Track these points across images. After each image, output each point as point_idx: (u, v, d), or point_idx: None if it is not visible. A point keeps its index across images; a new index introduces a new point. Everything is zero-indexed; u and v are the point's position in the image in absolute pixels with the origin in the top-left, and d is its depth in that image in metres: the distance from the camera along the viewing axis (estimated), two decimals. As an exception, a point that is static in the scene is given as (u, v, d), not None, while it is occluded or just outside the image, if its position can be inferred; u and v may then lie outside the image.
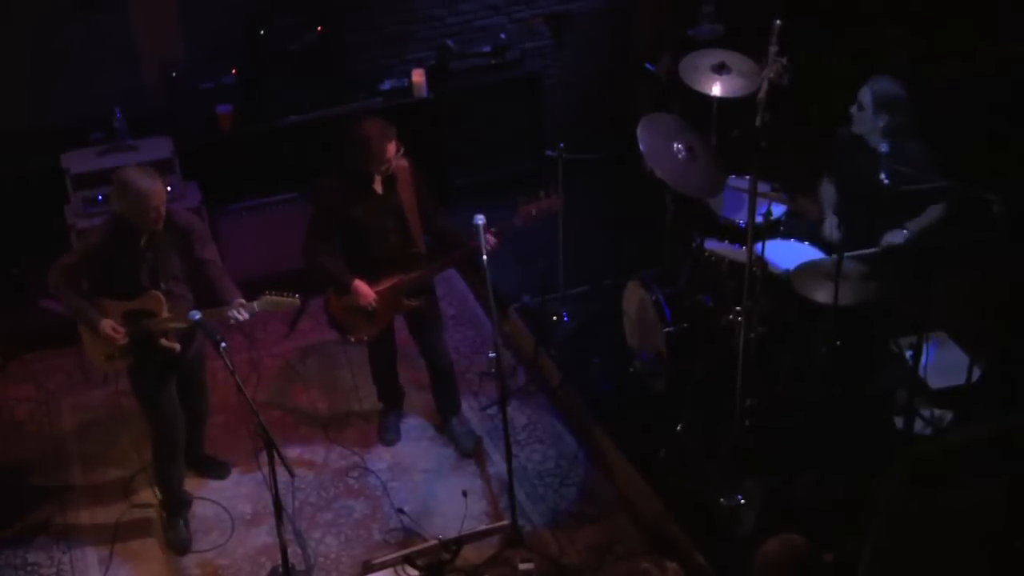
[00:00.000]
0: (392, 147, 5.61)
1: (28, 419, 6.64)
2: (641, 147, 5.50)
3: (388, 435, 6.35)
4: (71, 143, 7.11)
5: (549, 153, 6.82)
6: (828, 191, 6.11)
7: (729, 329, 5.75)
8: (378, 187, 5.75)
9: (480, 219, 5.52)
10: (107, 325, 5.29)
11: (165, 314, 5.34)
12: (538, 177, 7.67)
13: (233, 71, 7.43)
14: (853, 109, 5.83)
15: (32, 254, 6.96)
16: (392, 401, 6.44)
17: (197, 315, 5.14)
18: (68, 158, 6.98)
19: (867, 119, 5.77)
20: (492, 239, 5.66)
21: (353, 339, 6.00)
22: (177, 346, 5.43)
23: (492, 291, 5.49)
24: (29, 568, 5.65)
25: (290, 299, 5.44)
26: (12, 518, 5.94)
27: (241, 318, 5.36)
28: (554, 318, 6.97)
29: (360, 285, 5.76)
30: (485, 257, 5.45)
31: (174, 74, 7.34)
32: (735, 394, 5.52)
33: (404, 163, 5.76)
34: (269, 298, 5.42)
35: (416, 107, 7.76)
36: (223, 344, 5.00)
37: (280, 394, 6.75)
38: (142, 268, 5.31)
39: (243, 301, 5.37)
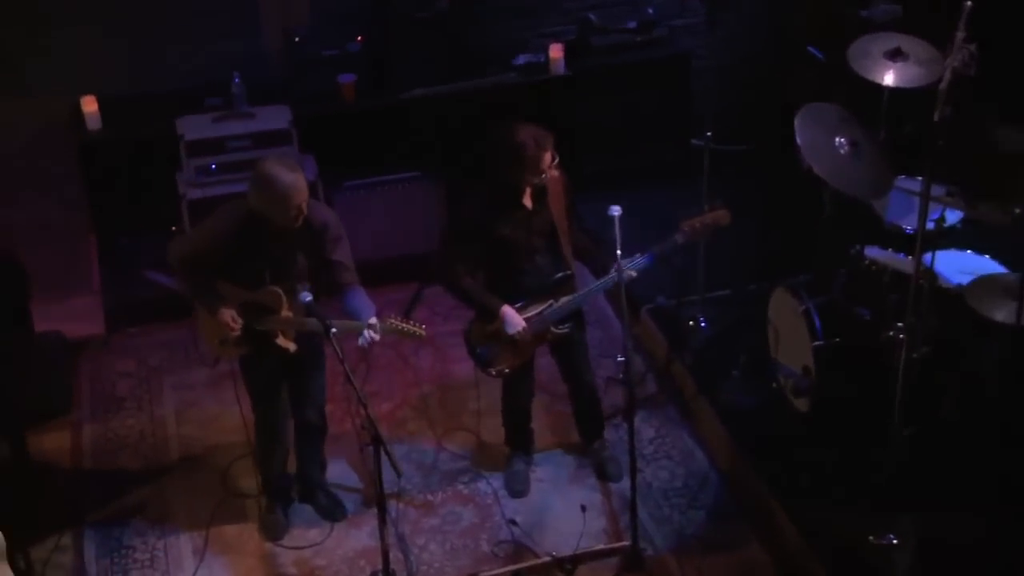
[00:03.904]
0: (548, 156, 5.35)
1: (129, 395, 6.69)
2: (798, 140, 5.45)
3: (518, 485, 5.95)
4: (186, 108, 7.12)
5: (695, 142, 6.55)
6: None
7: (888, 347, 5.50)
8: (527, 201, 5.49)
9: (616, 210, 5.25)
10: (227, 314, 5.17)
11: (285, 312, 5.20)
12: (682, 168, 7.46)
13: (359, 39, 7.35)
14: None
15: (142, 223, 7.06)
16: (521, 445, 6.06)
17: (308, 297, 5.00)
18: (183, 123, 6.99)
19: None
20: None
21: (494, 372, 5.67)
22: (293, 346, 5.28)
23: (624, 289, 5.29)
24: (124, 551, 5.69)
25: (417, 329, 5.14)
26: (109, 498, 5.95)
27: (368, 340, 5.08)
28: (691, 323, 6.73)
29: (509, 312, 5.48)
30: (619, 252, 5.22)
31: (297, 39, 7.32)
32: (892, 420, 5.29)
33: (555, 173, 5.50)
34: (394, 323, 5.14)
35: (552, 85, 7.62)
36: (333, 329, 4.92)
37: (390, 386, 6.64)
38: (265, 264, 5.17)
39: (374, 321, 5.11)
